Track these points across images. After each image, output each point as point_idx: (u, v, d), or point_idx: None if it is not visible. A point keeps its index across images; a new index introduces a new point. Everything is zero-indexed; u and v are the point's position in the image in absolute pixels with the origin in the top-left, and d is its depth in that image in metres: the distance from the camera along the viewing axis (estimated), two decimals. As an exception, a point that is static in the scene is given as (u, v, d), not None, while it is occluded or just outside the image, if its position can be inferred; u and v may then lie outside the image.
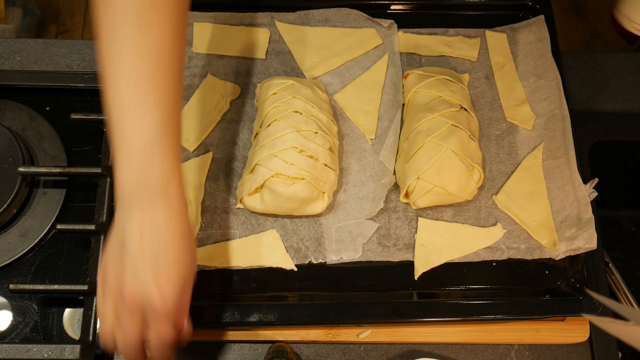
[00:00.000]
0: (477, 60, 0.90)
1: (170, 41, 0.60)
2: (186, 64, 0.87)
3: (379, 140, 0.84)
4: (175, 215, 0.59)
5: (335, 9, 0.91)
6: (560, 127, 0.85)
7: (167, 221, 0.59)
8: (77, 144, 0.85)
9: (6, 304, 0.78)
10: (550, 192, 0.83)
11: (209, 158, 0.82)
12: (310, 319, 0.75)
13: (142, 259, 0.57)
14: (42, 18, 1.93)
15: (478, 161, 0.79)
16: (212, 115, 0.84)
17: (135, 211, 0.58)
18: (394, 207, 0.82)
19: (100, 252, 0.76)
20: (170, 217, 0.59)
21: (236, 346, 0.78)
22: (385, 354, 0.78)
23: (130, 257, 0.57)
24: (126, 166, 0.59)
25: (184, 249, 0.60)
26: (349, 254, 0.78)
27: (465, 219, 0.82)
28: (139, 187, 0.58)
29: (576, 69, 0.96)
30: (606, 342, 0.80)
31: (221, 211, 0.80)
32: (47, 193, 0.82)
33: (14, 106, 0.86)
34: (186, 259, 0.60)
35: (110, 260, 0.59)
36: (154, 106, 0.59)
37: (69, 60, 0.90)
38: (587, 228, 0.79)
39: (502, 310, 0.76)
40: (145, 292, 0.57)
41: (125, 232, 0.58)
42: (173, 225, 0.59)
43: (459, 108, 0.81)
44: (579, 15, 2.08)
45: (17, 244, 0.79)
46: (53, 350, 0.70)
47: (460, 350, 0.79)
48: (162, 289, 0.57)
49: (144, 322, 0.58)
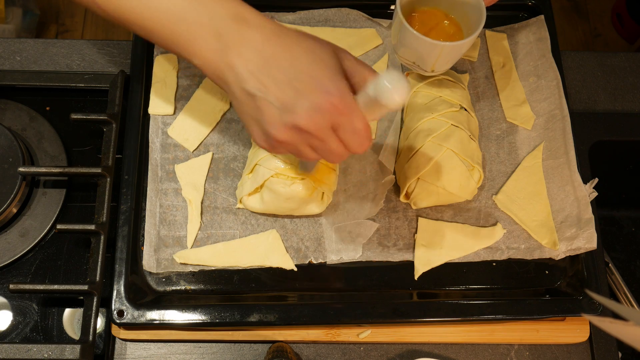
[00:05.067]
0: (477, 60, 0.90)
1: None
2: (186, 63, 0.87)
3: (379, 140, 0.84)
4: (275, 30, 0.57)
5: (335, 9, 0.91)
6: (560, 127, 0.85)
7: (270, 40, 0.56)
8: (77, 144, 0.85)
9: (6, 304, 0.78)
10: (550, 192, 0.83)
11: (209, 158, 0.82)
12: (310, 319, 0.75)
13: (284, 86, 0.55)
14: (42, 18, 1.93)
15: (478, 161, 0.79)
16: (212, 115, 0.84)
17: (236, 56, 0.56)
18: (394, 207, 0.82)
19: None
20: (269, 36, 0.57)
21: (236, 346, 0.78)
22: (385, 354, 0.78)
23: (271, 94, 0.55)
24: (202, 37, 0.58)
25: (305, 48, 0.57)
26: (349, 254, 0.79)
27: (465, 219, 0.82)
28: (223, 34, 0.57)
29: (576, 69, 0.96)
30: (606, 342, 0.80)
31: (221, 211, 0.80)
32: (47, 193, 0.82)
33: (14, 106, 0.86)
34: (317, 53, 0.57)
35: (253, 120, 0.58)
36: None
37: (69, 60, 0.90)
38: (587, 228, 0.79)
39: (502, 310, 0.76)
40: (317, 105, 0.54)
41: (245, 82, 0.56)
42: (280, 40, 0.57)
43: (459, 108, 0.81)
44: (579, 15, 2.09)
45: (17, 244, 0.79)
46: (53, 350, 0.70)
47: (460, 350, 0.79)
48: (325, 90, 0.55)
49: (335, 130, 0.56)
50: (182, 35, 0.59)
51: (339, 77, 0.57)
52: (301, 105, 0.55)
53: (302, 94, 0.55)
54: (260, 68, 0.56)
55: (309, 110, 0.55)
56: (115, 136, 0.81)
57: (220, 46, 0.57)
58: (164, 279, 0.77)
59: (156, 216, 0.79)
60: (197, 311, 0.73)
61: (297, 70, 0.56)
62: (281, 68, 0.56)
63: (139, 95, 0.83)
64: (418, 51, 0.75)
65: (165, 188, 0.80)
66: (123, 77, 0.85)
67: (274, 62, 0.56)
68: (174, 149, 0.82)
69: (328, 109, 0.55)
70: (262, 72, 0.56)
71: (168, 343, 0.78)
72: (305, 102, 0.55)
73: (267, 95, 0.56)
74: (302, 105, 0.55)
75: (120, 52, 0.91)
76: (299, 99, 0.55)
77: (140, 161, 0.81)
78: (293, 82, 0.55)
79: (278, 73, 0.56)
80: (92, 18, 1.98)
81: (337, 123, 0.56)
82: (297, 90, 0.55)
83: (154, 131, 0.83)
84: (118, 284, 0.74)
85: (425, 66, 0.77)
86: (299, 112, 0.55)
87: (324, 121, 0.55)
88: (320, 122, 0.55)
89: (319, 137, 0.57)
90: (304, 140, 0.58)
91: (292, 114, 0.55)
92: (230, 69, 0.57)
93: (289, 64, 0.56)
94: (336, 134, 0.57)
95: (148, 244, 0.77)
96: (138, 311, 0.73)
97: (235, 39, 0.57)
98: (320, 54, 0.57)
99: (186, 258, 0.77)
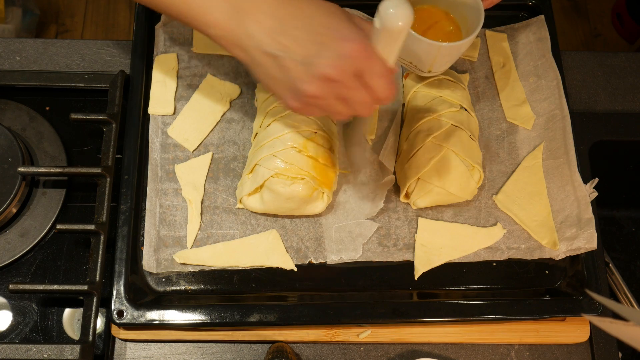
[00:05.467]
0: (477, 60, 0.90)
1: None
2: (186, 63, 0.87)
3: (379, 140, 0.84)
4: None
5: (335, 8, 0.91)
6: (560, 127, 0.85)
7: (282, 3, 0.58)
8: (77, 144, 0.85)
9: (6, 304, 0.78)
10: (551, 192, 0.83)
11: (209, 158, 0.82)
12: (310, 319, 0.75)
13: (304, 42, 0.57)
14: (42, 18, 1.93)
15: (478, 161, 0.79)
16: (212, 115, 0.84)
17: (252, 22, 0.58)
18: (394, 207, 0.82)
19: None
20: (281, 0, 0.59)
21: (236, 346, 0.78)
22: (385, 354, 0.78)
23: (293, 52, 0.57)
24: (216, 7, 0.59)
25: (317, 6, 0.59)
26: (349, 254, 0.78)
27: (465, 219, 0.82)
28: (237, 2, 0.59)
29: (576, 69, 0.96)
30: (606, 342, 0.80)
31: (221, 211, 0.80)
32: (47, 193, 0.82)
33: (14, 106, 0.86)
34: (328, 7, 0.59)
35: (279, 81, 0.59)
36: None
37: (69, 60, 0.90)
38: (587, 228, 0.79)
39: (502, 310, 0.76)
40: (341, 52, 0.56)
41: (265, 45, 0.58)
42: (292, 2, 0.59)
43: (459, 108, 0.81)
44: (579, 15, 2.09)
45: (17, 244, 0.79)
46: (53, 350, 0.70)
47: (460, 350, 0.79)
48: (345, 37, 0.56)
49: (360, 77, 0.58)
50: (197, 6, 0.60)
51: (354, 26, 0.58)
52: (326, 55, 0.56)
53: (324, 45, 0.57)
54: (277, 30, 0.58)
55: (334, 58, 0.56)
56: (115, 136, 0.81)
57: (235, 14, 0.59)
58: (163, 279, 0.77)
59: (156, 216, 0.79)
60: (197, 311, 0.73)
61: (314, 25, 0.57)
62: (298, 27, 0.57)
63: (139, 95, 0.83)
64: (415, 52, 0.74)
65: (165, 188, 0.80)
66: (123, 77, 0.85)
67: (289, 22, 0.58)
68: (173, 149, 0.82)
69: (352, 54, 0.56)
70: (280, 33, 0.58)
71: (168, 343, 0.78)
72: (329, 51, 0.56)
73: (290, 54, 0.58)
74: (327, 55, 0.56)
75: (120, 52, 0.91)
76: (322, 50, 0.57)
77: (140, 161, 0.81)
78: (313, 36, 0.57)
79: (296, 31, 0.57)
80: (92, 18, 1.98)
81: (362, 68, 0.57)
82: (318, 43, 0.57)
83: (154, 131, 0.83)
84: (118, 284, 0.74)
85: (423, 67, 0.77)
86: (325, 62, 0.56)
87: (350, 67, 0.57)
88: (346, 68, 0.57)
89: (346, 85, 0.58)
90: (333, 92, 0.59)
91: (318, 65, 0.57)
92: (247, 35, 0.59)
93: (305, 21, 0.58)
94: (361, 81, 0.58)
95: (148, 244, 0.77)
96: (138, 311, 0.73)
97: (249, 6, 0.59)
98: (330, 8, 0.59)
99: (186, 258, 0.77)
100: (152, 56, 0.87)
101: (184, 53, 0.87)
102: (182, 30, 0.89)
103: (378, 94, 0.59)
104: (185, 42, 0.88)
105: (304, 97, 0.59)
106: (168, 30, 0.88)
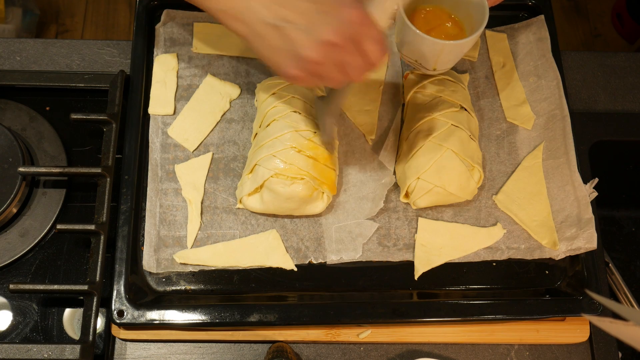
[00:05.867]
0: (477, 60, 0.90)
1: None
2: (186, 63, 0.87)
3: (379, 140, 0.84)
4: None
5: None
6: (560, 127, 0.85)
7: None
8: (77, 144, 0.85)
9: (6, 304, 0.78)
10: (551, 192, 0.83)
11: (209, 158, 0.82)
12: (310, 319, 0.75)
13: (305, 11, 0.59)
14: (42, 18, 1.93)
15: (478, 161, 0.79)
16: (212, 115, 0.84)
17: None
18: (394, 207, 0.82)
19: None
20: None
21: (236, 346, 0.78)
22: (385, 354, 0.78)
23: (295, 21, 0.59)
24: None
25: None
26: (349, 254, 0.78)
27: (465, 219, 0.82)
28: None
29: (576, 69, 0.96)
30: (606, 342, 0.80)
31: (221, 211, 0.80)
32: (47, 193, 0.82)
33: (14, 106, 0.86)
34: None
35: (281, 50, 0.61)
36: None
37: (69, 60, 0.90)
38: (587, 228, 0.79)
39: (502, 310, 0.76)
40: (342, 18, 0.59)
41: (266, 17, 0.60)
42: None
43: (459, 108, 0.81)
44: (579, 15, 2.09)
45: (17, 244, 0.79)
46: (53, 350, 0.70)
47: (460, 350, 0.79)
48: (345, 4, 0.59)
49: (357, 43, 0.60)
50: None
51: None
52: (328, 21, 0.59)
53: (326, 13, 0.59)
54: (277, 1, 0.60)
55: (335, 23, 0.59)
56: (115, 136, 0.81)
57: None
58: (164, 279, 0.77)
59: (156, 216, 0.79)
60: (197, 311, 0.73)
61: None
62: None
63: (139, 95, 0.83)
64: (420, 49, 0.75)
65: (165, 188, 0.80)
66: (123, 77, 0.85)
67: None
68: (174, 149, 0.82)
69: (352, 20, 0.59)
70: (281, 4, 0.60)
71: (168, 343, 0.78)
72: (331, 17, 0.59)
73: (292, 23, 0.60)
74: (329, 21, 0.59)
75: (120, 52, 0.91)
76: (324, 16, 0.59)
77: (140, 161, 0.81)
78: (313, 5, 0.60)
79: (296, 1, 0.60)
80: (92, 18, 1.98)
81: (360, 34, 0.60)
82: (319, 11, 0.59)
83: (154, 131, 0.83)
84: (118, 284, 0.74)
85: (427, 65, 0.77)
86: (328, 27, 0.59)
87: (350, 32, 0.59)
88: (347, 32, 0.59)
89: (345, 49, 0.60)
90: (332, 57, 0.61)
91: (321, 31, 0.59)
92: (248, 8, 0.61)
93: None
94: (357, 46, 0.60)
95: (148, 244, 0.77)
96: (138, 311, 0.73)
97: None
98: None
99: (186, 258, 0.77)
100: (152, 56, 0.87)
101: (184, 53, 0.87)
102: (182, 30, 0.89)
103: (372, 58, 0.62)
104: (185, 42, 0.88)
105: (306, 64, 0.61)
106: (168, 30, 0.88)
